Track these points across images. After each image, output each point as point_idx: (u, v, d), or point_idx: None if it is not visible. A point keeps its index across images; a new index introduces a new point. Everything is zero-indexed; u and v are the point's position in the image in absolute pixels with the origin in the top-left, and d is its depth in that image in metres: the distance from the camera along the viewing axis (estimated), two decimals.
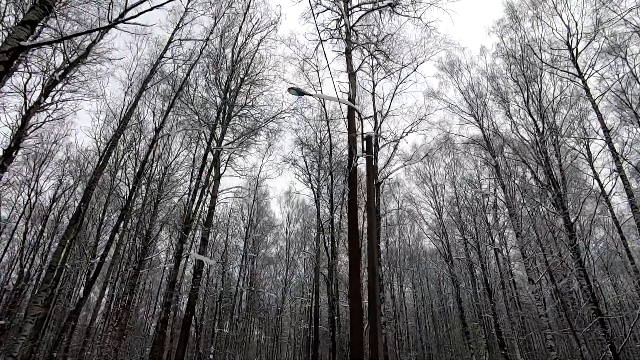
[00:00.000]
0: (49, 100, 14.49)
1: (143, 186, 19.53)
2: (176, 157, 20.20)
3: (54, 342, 5.33)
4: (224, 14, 14.94)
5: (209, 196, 16.00)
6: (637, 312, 8.83)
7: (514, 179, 21.03)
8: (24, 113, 10.47)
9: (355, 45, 10.43)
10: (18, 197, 22.53)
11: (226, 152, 17.39)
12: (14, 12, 11.07)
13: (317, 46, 10.86)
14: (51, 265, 6.96)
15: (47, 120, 16.39)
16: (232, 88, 15.58)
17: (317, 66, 13.53)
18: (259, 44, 14.97)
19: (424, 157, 11.44)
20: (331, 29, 10.50)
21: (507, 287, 23.79)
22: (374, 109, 11.74)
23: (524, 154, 18.64)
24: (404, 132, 9.76)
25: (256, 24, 14.96)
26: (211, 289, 25.50)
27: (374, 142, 7.03)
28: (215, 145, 11.59)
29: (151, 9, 5.51)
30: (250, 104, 16.42)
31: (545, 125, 16.33)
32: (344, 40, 10.23)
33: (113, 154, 20.00)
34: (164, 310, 7.31)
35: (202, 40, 13.44)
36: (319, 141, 16.39)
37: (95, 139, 17.34)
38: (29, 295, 20.39)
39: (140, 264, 16.81)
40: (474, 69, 28.83)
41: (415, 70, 12.25)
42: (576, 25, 14.67)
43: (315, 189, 17.31)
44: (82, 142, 70.40)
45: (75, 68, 12.69)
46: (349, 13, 10.73)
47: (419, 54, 12.70)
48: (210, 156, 12.84)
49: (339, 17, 10.48)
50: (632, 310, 17.49)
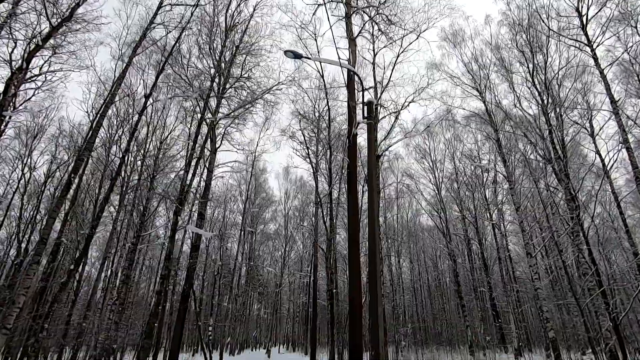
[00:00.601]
0: (36, 71, 13.99)
1: (139, 161, 19.23)
2: (171, 131, 19.78)
3: (45, 314, 5.29)
4: None
5: (205, 171, 15.74)
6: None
7: (514, 154, 20.85)
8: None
9: (356, 9, 9.87)
10: (12, 173, 22.25)
11: (222, 125, 16.97)
12: None
13: (316, 10, 10.28)
14: (42, 237, 6.73)
15: (36, 92, 15.87)
16: (226, 58, 14.99)
17: (315, 34, 12.92)
18: (254, 10, 14.27)
19: (426, 129, 11.13)
20: None
21: (503, 262, 24.02)
22: (374, 79, 11.28)
23: (526, 128, 18.33)
24: (405, 101, 9.39)
25: None
26: (210, 264, 25.68)
27: (374, 110, 6.70)
28: (210, 116, 11.20)
29: None
30: (246, 75, 15.87)
31: (550, 97, 15.92)
32: (343, 3, 9.67)
33: (107, 128, 19.61)
34: (160, 282, 7.19)
35: (192, 5, 12.75)
36: (317, 114, 15.97)
37: (87, 112, 16.81)
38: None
39: (138, 239, 16.73)
40: (478, 39, 28.00)
41: (418, 37, 11.68)
42: None
43: (313, 164, 17.04)
44: (74, 116, 69.10)
45: (62, 37, 12.10)
46: None
47: (421, 21, 12.10)
48: (204, 127, 12.47)
49: None
50: (629, 283, 17.65)
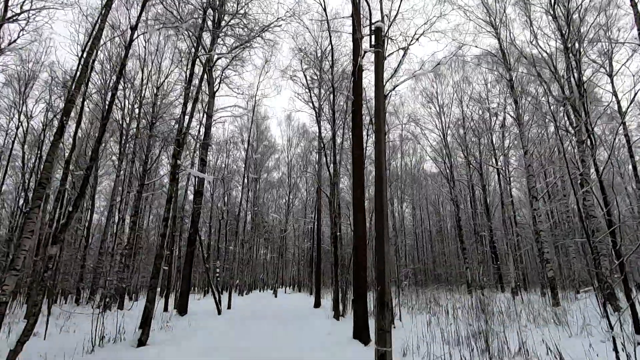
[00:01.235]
0: (16, 9, 13.04)
1: (136, 109, 18.67)
2: (167, 76, 18.91)
3: (48, 257, 5.37)
4: None
5: (204, 116, 15.24)
6: None
7: (525, 96, 20.00)
8: None
9: None
10: (9, 123, 21.85)
11: (219, 68, 16.12)
12: None
13: None
14: (40, 182, 6.54)
15: (21, 33, 14.91)
16: None
17: None
18: None
19: (436, 66, 10.40)
20: None
21: (505, 207, 24.17)
22: (381, 11, 10.30)
23: (541, 68, 17.33)
24: (415, 34, 8.62)
25: None
26: (216, 213, 26.14)
27: (383, 42, 6.08)
28: (205, 54, 10.49)
29: None
30: (242, 11, 14.69)
31: (570, 32, 14.73)
32: None
33: (101, 74, 18.79)
34: (164, 225, 7.15)
35: None
36: (319, 53, 14.98)
37: (77, 55, 15.96)
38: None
39: (142, 187, 16.78)
40: None
41: None
42: None
43: (316, 108, 16.40)
44: (63, 60, 66.45)
45: None
46: None
47: None
48: (199, 65, 11.77)
49: None
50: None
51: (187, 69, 18.16)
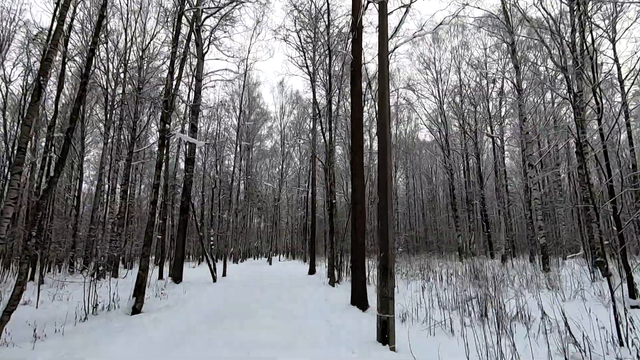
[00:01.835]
0: None
1: (122, 73, 17.74)
2: (153, 37, 17.85)
3: (31, 223, 5.15)
4: None
5: (194, 80, 14.53)
6: None
7: (525, 63, 19.49)
8: None
9: None
10: None
11: (208, 28, 15.19)
12: None
13: None
14: (20, 147, 6.14)
15: None
16: None
17: None
18: None
19: (439, 25, 9.81)
20: None
21: (499, 175, 24.26)
22: None
23: (544, 33, 16.75)
24: None
25: None
26: (209, 182, 25.79)
27: None
28: (191, 9, 9.73)
29: None
30: None
31: None
32: None
33: (81, 35, 17.64)
34: (154, 192, 6.86)
35: None
36: (314, 11, 14.09)
37: (52, 12, 14.78)
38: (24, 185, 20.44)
39: (131, 155, 16.28)
40: None
41: None
42: None
43: (310, 73, 15.75)
44: (40, 19, 62.17)
45: None
46: None
47: None
48: (186, 25, 11.01)
49: None
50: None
51: (173, 29, 17.14)
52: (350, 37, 7.40)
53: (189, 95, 14.82)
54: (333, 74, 14.59)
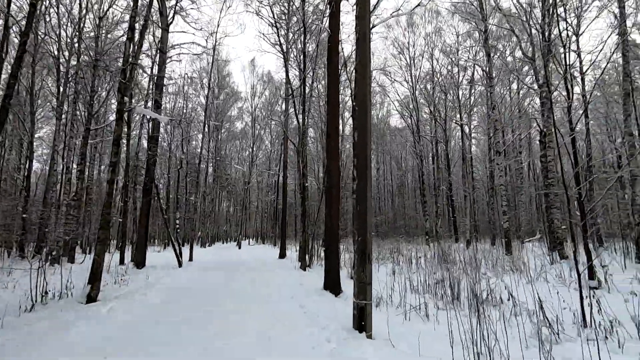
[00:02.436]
0: None
1: (76, 43, 16.20)
2: (112, 4, 16.34)
3: None
4: None
5: (158, 53, 13.52)
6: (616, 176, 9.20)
7: (496, 51, 19.88)
8: None
9: None
10: None
11: None
12: None
13: None
14: None
15: None
16: None
17: None
18: None
19: (417, 6, 9.56)
20: None
21: (466, 162, 24.96)
22: None
23: (514, 23, 17.04)
24: None
25: None
26: (174, 162, 24.64)
27: None
28: None
29: None
30: None
31: None
32: None
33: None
34: (110, 170, 6.26)
35: None
36: None
37: None
38: None
39: (88, 132, 15.08)
40: None
41: None
42: None
43: (284, 51, 15.09)
44: None
45: None
46: None
47: None
48: None
49: None
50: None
51: None
52: (328, 9, 6.99)
53: (152, 69, 13.78)
54: (307, 53, 14.07)
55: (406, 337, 3.79)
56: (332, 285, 6.91)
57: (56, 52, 16.34)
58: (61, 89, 16.17)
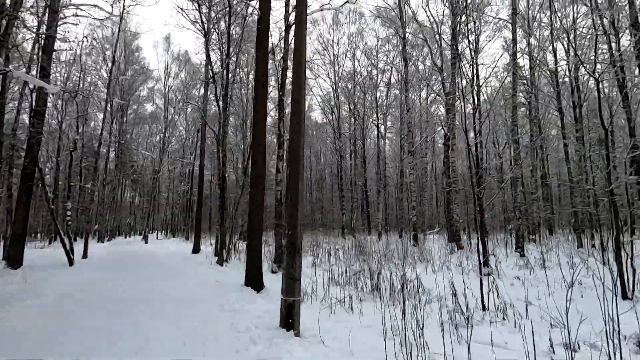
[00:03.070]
0: None
1: None
2: None
3: None
4: None
5: (47, 11, 11.30)
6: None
7: (409, 59, 21.46)
8: None
9: None
10: None
11: None
12: None
13: None
14: None
15: None
16: None
17: None
18: None
19: (346, 2, 9.68)
20: None
21: (381, 160, 26.57)
22: None
23: (428, 34, 18.60)
24: None
25: None
26: (66, 143, 21.14)
27: None
28: None
29: None
30: None
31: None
32: None
33: None
34: None
35: None
36: None
37: None
38: None
39: None
40: None
41: None
42: None
43: (204, 30, 13.97)
44: None
45: None
46: None
47: None
48: None
49: None
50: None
51: None
52: None
53: (39, 28, 11.49)
54: (232, 36, 13.27)
55: (334, 331, 3.75)
56: (254, 281, 6.60)
57: None
58: None
